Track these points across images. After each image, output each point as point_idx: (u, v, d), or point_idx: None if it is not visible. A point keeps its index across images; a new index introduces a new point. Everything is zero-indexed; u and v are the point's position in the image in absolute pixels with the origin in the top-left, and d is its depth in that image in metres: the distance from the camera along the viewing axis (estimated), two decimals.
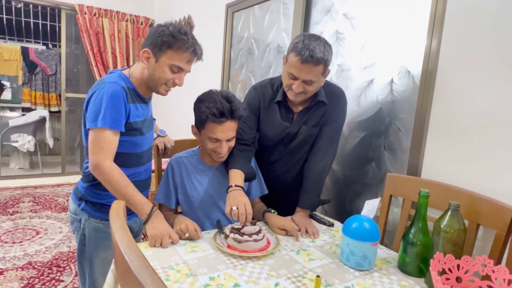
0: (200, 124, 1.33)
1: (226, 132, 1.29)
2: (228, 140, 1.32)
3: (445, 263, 0.94)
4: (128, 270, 0.57)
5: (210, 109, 1.26)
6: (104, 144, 1.16)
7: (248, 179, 1.38)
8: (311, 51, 1.24)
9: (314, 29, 2.06)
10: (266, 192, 1.53)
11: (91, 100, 1.19)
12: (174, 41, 1.18)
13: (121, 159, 1.26)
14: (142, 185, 1.38)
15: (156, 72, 1.22)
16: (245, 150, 1.42)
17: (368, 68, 1.71)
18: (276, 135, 1.47)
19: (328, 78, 1.50)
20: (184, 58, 1.21)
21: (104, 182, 1.19)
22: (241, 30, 2.85)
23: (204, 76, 3.35)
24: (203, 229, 1.33)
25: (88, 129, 1.18)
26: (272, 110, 1.47)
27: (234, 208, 1.19)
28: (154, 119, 1.49)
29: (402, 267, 1.08)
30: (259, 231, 1.16)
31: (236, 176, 1.33)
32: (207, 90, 1.37)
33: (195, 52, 1.22)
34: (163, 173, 1.48)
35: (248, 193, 1.49)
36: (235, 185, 1.29)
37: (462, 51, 1.29)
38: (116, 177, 1.16)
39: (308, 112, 1.45)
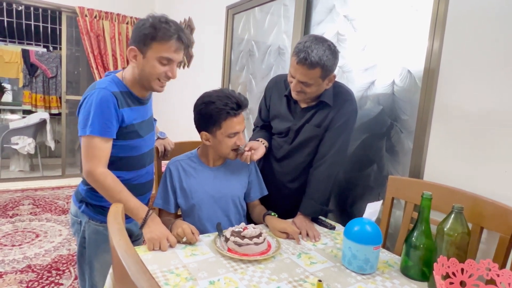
0: (214, 125, 1.31)
1: (241, 123, 1.34)
2: (242, 131, 1.37)
3: (448, 267, 0.93)
4: (125, 275, 0.56)
5: (227, 105, 1.28)
6: (95, 151, 1.15)
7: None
8: (307, 54, 1.24)
9: (315, 31, 2.05)
10: (266, 193, 1.52)
11: (81, 106, 1.18)
12: (156, 31, 1.14)
13: (121, 162, 1.26)
14: (143, 188, 1.37)
15: (146, 68, 1.19)
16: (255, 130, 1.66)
17: (370, 69, 1.70)
18: (283, 129, 1.50)
19: None
20: (170, 47, 1.16)
21: (97, 188, 1.18)
22: (241, 32, 2.85)
23: (204, 78, 3.35)
24: (205, 232, 1.32)
25: (80, 136, 1.18)
26: (282, 102, 1.52)
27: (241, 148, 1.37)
28: (155, 120, 1.48)
29: (405, 271, 1.07)
30: (260, 234, 1.14)
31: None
32: (201, 96, 1.35)
33: (181, 38, 1.17)
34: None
35: (247, 194, 1.49)
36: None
37: (464, 52, 1.28)
38: (109, 183, 1.16)
39: (312, 110, 1.44)
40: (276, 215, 1.38)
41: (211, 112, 1.30)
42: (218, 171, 1.43)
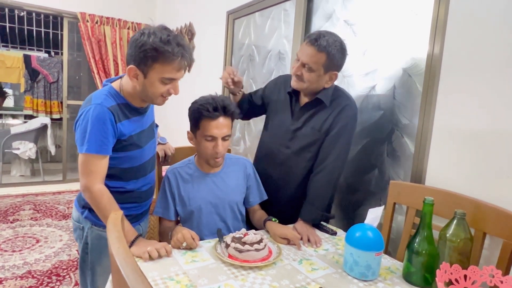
0: (194, 125, 1.34)
1: (220, 128, 1.30)
2: (224, 139, 1.32)
3: (451, 273, 0.92)
4: (124, 283, 0.55)
5: (203, 106, 1.30)
6: (92, 167, 1.15)
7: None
8: (318, 37, 1.30)
9: None
10: (266, 197, 1.51)
11: (78, 122, 1.17)
12: (158, 54, 1.08)
13: (122, 173, 1.26)
14: (145, 195, 1.37)
15: (148, 88, 1.16)
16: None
17: (370, 74, 1.69)
18: (281, 127, 1.51)
19: None
20: (173, 69, 1.13)
21: (92, 205, 1.18)
22: (242, 37, 2.85)
23: (204, 83, 3.35)
24: (203, 238, 1.32)
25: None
26: (284, 101, 1.54)
27: None
28: (157, 126, 1.47)
29: (407, 277, 1.06)
30: (261, 240, 1.14)
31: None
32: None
33: (184, 58, 1.13)
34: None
35: (246, 200, 1.48)
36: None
37: (465, 56, 1.27)
38: (104, 203, 1.15)
39: (311, 111, 1.44)
40: (277, 221, 1.37)
41: (192, 111, 1.34)
42: (215, 176, 1.43)
